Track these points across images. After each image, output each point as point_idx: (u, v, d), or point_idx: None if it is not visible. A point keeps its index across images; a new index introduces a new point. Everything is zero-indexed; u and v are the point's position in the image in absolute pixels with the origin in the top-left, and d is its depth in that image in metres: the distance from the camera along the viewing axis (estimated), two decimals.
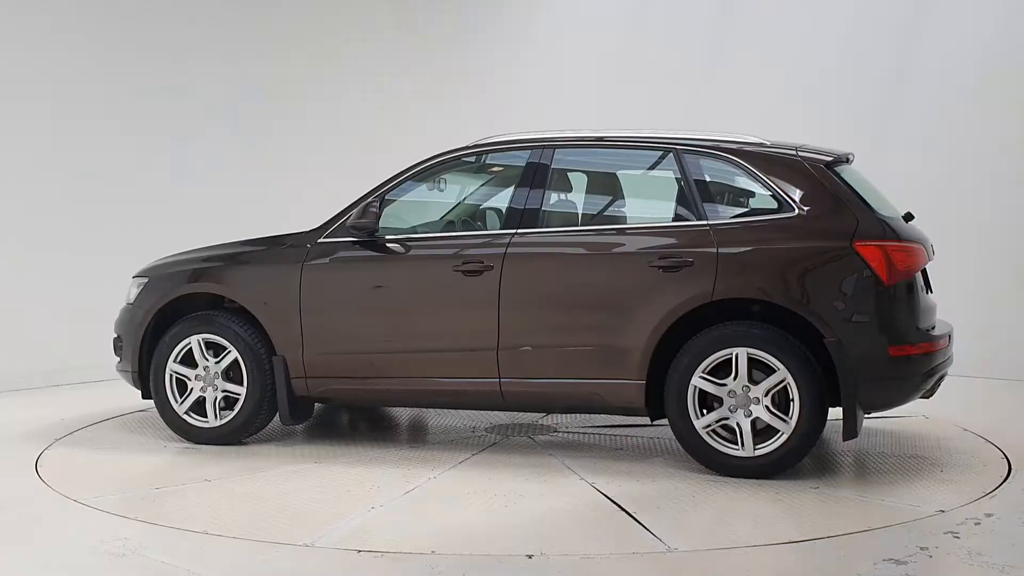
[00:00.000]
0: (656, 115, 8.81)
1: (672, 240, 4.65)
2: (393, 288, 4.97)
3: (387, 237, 5.02)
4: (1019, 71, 7.47)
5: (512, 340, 4.72)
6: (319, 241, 5.05)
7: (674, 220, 4.76)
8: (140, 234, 7.53)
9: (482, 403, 5.20)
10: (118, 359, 5.48)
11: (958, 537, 3.60)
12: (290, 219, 6.74)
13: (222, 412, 5.12)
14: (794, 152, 4.74)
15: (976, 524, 3.76)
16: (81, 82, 7.58)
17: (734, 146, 4.79)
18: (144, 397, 5.32)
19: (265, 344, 5.05)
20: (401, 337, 4.90)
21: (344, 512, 3.98)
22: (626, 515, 3.93)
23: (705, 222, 4.62)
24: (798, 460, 4.47)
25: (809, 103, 8.46)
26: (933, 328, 4.72)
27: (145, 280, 5.38)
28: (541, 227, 4.85)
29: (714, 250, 4.53)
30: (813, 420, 4.35)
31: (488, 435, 5.47)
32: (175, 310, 5.28)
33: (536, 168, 4.94)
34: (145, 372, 5.27)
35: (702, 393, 4.49)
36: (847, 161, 4.93)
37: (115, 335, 5.50)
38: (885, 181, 8.05)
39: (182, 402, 5.16)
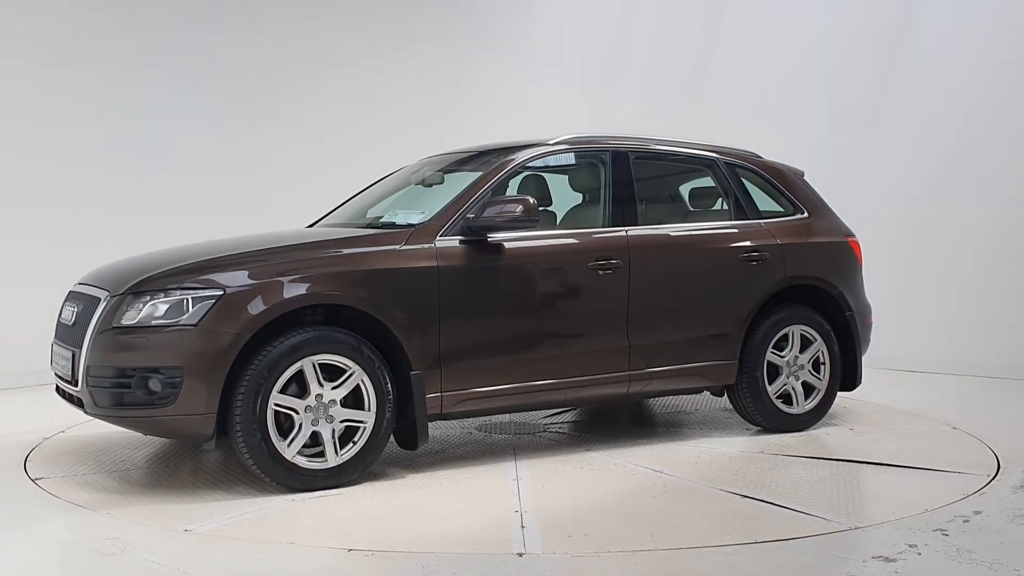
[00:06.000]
0: (643, 119, 8.88)
1: (746, 236, 5.42)
2: (535, 287, 4.81)
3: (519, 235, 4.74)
4: (1007, 76, 7.50)
5: (640, 332, 5.02)
6: (440, 239, 4.58)
7: (735, 219, 5.50)
8: (133, 233, 7.51)
9: (610, 397, 5.21)
10: (153, 406, 4.09)
11: (947, 535, 3.62)
12: (271, 218, 6.76)
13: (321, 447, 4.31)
14: (787, 165, 5.86)
15: (965, 522, 3.78)
16: (69, 80, 7.56)
17: (754, 158, 5.80)
18: (209, 444, 4.29)
19: (388, 360, 4.42)
20: (547, 338, 4.81)
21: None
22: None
23: (761, 221, 5.53)
24: (828, 409, 5.60)
25: (797, 109, 8.50)
26: None
27: (218, 293, 4.14)
28: (640, 224, 5.17)
29: (778, 244, 5.44)
30: (837, 377, 5.58)
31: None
32: None
33: (622, 169, 5.22)
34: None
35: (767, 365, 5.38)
36: None
37: (146, 368, 4.09)
38: (882, 181, 8.12)
39: (291, 442, 4.22)
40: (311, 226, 5.58)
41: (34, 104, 7.37)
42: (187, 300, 4.13)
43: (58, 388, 4.68)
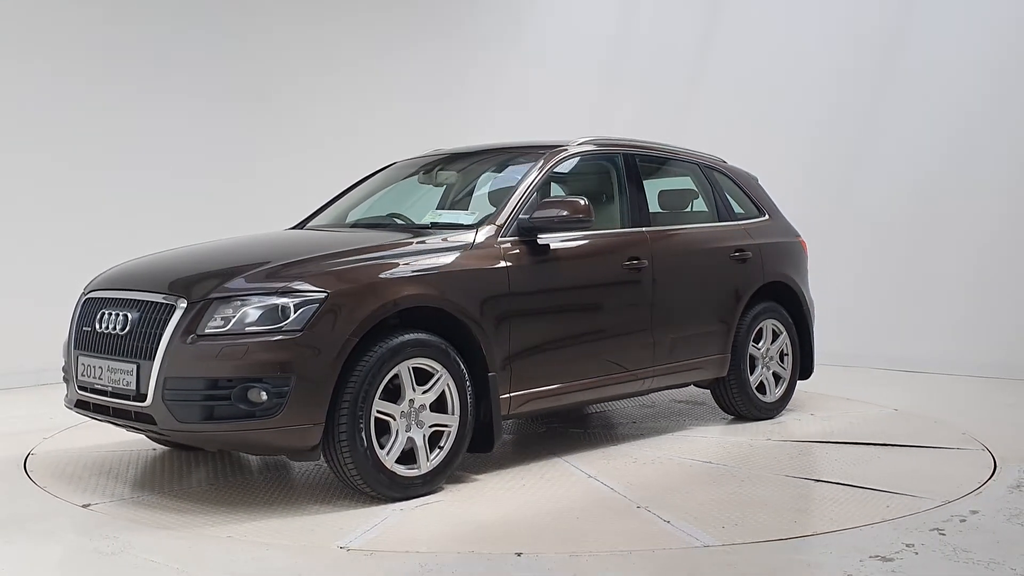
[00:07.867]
0: (640, 121, 8.89)
1: (734, 236, 5.76)
2: (583, 287, 4.90)
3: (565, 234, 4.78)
4: (1008, 75, 7.52)
5: (661, 329, 5.22)
6: (502, 239, 4.56)
7: (719, 220, 5.81)
8: (128, 231, 7.52)
9: (635, 393, 5.34)
10: (253, 418, 3.78)
11: (944, 534, 3.63)
12: (268, 216, 6.77)
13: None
14: (747, 171, 6.25)
15: (962, 521, 3.80)
16: (64, 79, 7.57)
17: (722, 162, 6.11)
18: (309, 456, 4.01)
19: (465, 362, 4.30)
20: (594, 337, 4.92)
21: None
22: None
23: (740, 222, 5.88)
24: (791, 397, 6.04)
25: (796, 111, 8.52)
26: None
27: (322, 296, 3.89)
28: (653, 225, 5.33)
29: (756, 244, 5.81)
30: (798, 367, 6.08)
31: None
32: None
33: (636, 171, 5.38)
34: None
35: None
36: None
37: (246, 378, 3.77)
38: (881, 183, 8.13)
39: (389, 450, 4.04)
40: (299, 226, 5.55)
41: (20, 105, 7.35)
42: (287, 305, 3.85)
43: (82, 403, 4.30)
